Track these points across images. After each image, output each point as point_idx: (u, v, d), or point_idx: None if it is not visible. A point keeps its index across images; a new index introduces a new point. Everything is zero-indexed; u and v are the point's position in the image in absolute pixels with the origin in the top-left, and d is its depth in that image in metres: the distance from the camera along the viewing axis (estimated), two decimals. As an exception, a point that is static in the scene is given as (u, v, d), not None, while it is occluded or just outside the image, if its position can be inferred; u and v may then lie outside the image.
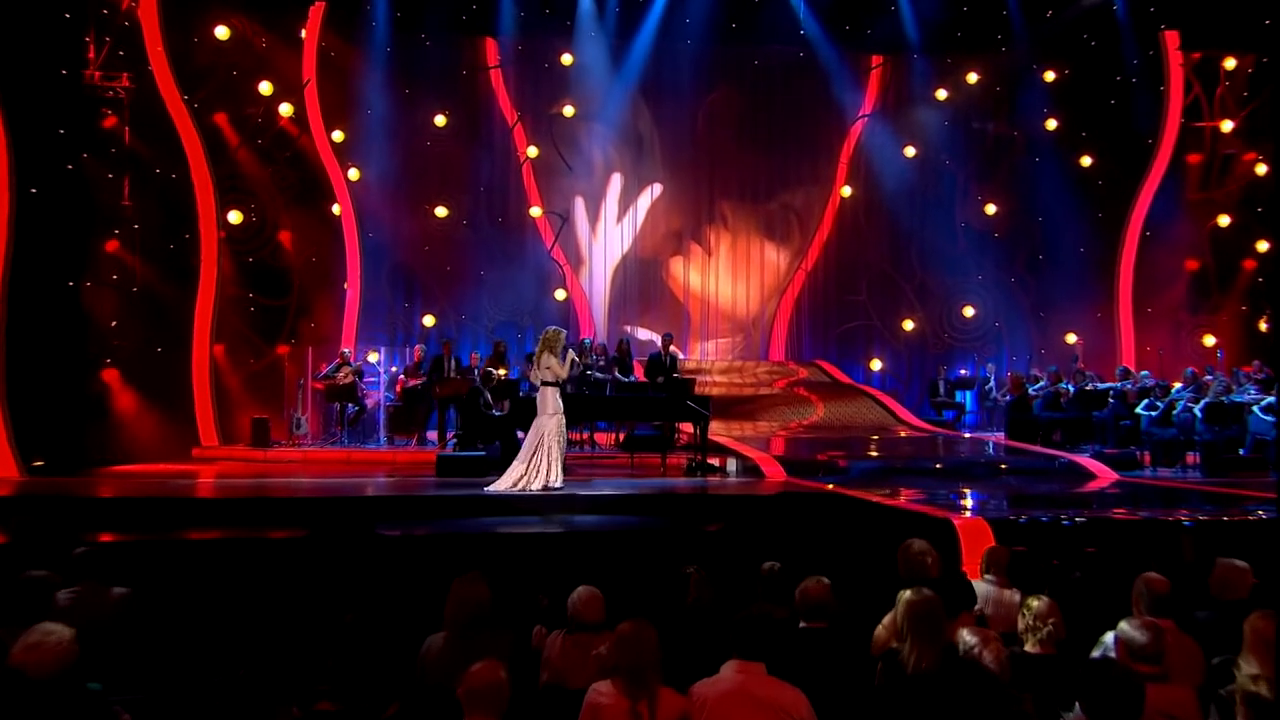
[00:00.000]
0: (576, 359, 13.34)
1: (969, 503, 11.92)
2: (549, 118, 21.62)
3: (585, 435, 17.45)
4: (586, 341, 19.08)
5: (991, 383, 20.68)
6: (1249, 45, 20.91)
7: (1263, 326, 20.74)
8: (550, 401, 12.61)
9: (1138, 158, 21.53)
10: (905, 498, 11.70)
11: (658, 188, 22.53)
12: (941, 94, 22.34)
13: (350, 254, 19.78)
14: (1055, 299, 22.04)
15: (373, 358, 19.38)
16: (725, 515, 11.21)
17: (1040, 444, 17.46)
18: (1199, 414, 15.96)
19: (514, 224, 21.55)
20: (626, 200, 22.43)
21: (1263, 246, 20.98)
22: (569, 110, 21.51)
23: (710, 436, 16.43)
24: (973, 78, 22.31)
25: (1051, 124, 22.15)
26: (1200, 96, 21.23)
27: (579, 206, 22.23)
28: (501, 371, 16.88)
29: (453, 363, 17.46)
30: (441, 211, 20.86)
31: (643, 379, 18.05)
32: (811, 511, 11.26)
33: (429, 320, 20.75)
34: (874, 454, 16.88)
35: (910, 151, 22.43)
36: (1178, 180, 21.37)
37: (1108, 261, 21.75)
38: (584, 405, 15.34)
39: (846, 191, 22.60)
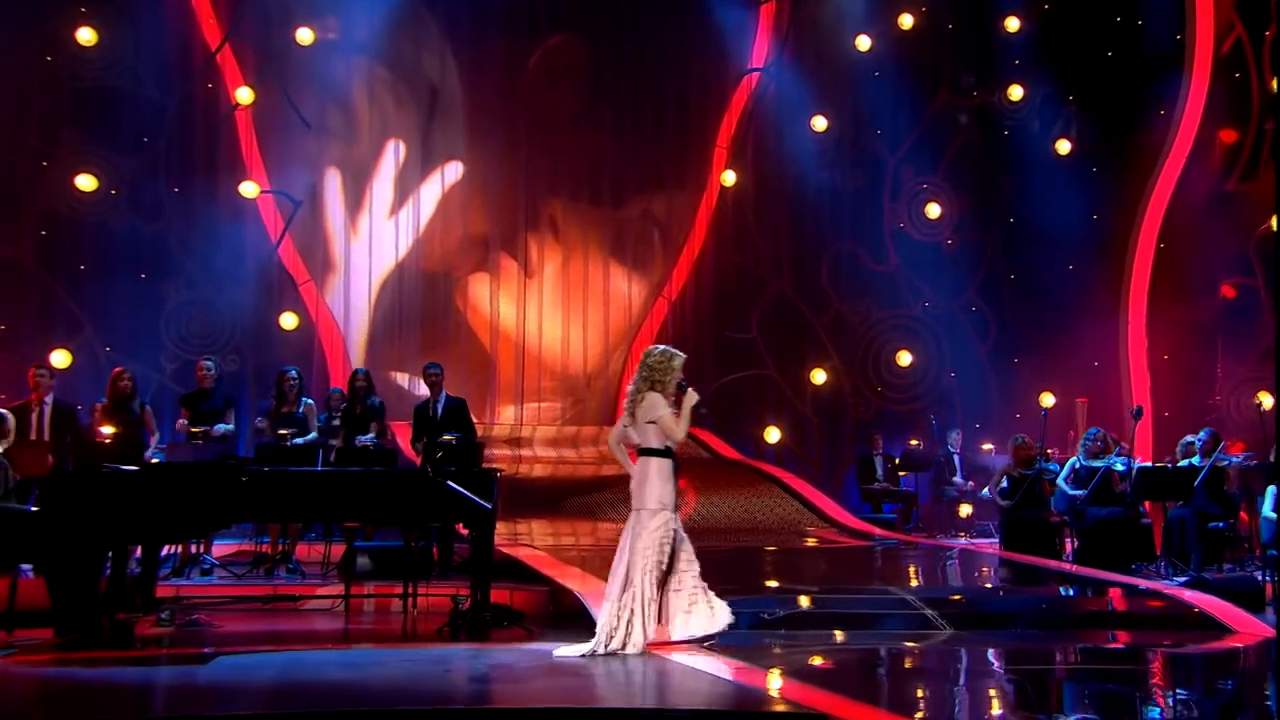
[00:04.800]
0: (700, 402, 6.95)
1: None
2: (277, 44, 14.02)
3: (279, 547, 9.69)
4: (336, 391, 11.52)
5: (955, 461, 13.60)
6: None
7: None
8: (654, 486, 6.86)
9: (1148, 135, 15.03)
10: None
11: (457, 168, 14.94)
12: (864, 42, 15.43)
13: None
14: (1034, 339, 15.20)
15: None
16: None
17: (1066, 560, 10.50)
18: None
19: (215, 205, 13.65)
20: (407, 182, 14.75)
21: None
22: (306, 35, 13.95)
23: (515, 550, 9.26)
24: (908, 20, 15.52)
25: (1016, 92, 15.52)
26: (1244, 43, 14.75)
27: (331, 185, 14.45)
28: (108, 430, 9.08)
29: (45, 414, 9.45)
30: (86, 181, 13.00)
31: (407, 447, 10.50)
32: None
33: (61, 358, 12.75)
34: (775, 582, 9.47)
35: (820, 123, 15.41)
36: (1209, 167, 14.86)
37: (1110, 285, 15.06)
38: (263, 494, 7.60)
39: (730, 179, 15.44)
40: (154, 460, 9.24)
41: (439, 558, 9.57)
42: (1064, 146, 15.40)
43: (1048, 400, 14.99)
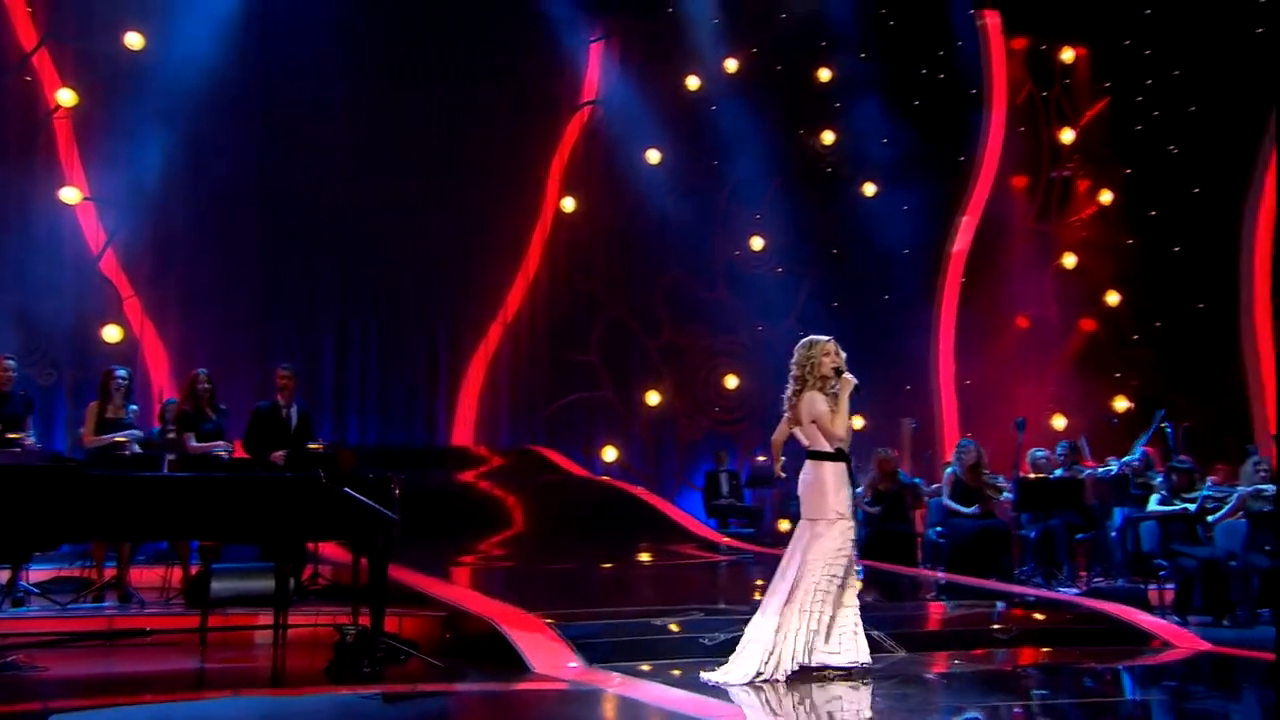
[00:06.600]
0: (853, 378, 5.47)
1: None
2: (103, 47, 11.61)
3: (104, 572, 7.37)
4: (172, 402, 9.19)
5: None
6: (1082, 32, 14.21)
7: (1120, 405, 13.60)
8: (829, 494, 5.42)
9: (952, 177, 14.27)
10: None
11: (286, 188, 12.84)
12: (694, 82, 14.18)
13: None
14: (854, 365, 14.00)
15: None
16: None
17: (931, 568, 9.29)
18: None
19: (31, 209, 11.16)
20: (237, 199, 12.56)
21: (1113, 299, 13.97)
22: (136, 39, 11.61)
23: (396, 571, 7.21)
24: (733, 64, 14.31)
25: (828, 137, 14.53)
26: (1035, 97, 14.20)
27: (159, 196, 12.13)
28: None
29: None
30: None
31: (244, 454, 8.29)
32: None
33: None
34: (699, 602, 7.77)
35: (654, 156, 14.03)
36: (1006, 209, 14.21)
37: (921, 315, 14.18)
38: (107, 506, 5.42)
39: (570, 205, 13.82)
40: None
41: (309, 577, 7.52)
42: (870, 189, 14.42)
43: (858, 423, 13.90)
